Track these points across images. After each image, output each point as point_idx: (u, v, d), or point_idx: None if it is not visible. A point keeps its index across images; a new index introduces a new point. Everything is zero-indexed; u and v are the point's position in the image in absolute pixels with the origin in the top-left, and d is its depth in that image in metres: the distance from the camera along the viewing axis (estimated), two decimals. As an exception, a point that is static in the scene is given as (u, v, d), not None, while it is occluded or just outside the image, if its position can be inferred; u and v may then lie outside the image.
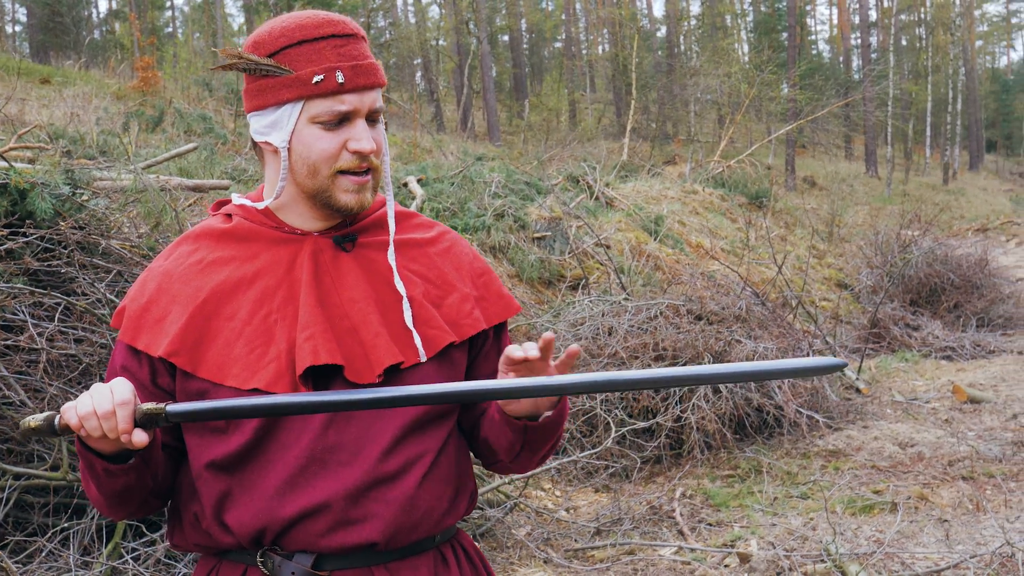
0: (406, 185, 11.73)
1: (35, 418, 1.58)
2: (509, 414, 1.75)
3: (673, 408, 7.08)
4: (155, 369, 1.74)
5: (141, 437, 1.57)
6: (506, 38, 47.52)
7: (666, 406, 7.12)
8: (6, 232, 4.51)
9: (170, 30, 51.75)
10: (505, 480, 5.68)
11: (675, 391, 7.14)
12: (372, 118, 1.75)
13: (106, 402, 1.55)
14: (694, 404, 7.07)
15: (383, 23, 41.14)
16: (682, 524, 5.84)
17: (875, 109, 36.22)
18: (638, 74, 29.97)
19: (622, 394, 7.11)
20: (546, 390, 1.61)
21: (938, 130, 47.60)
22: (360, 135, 1.72)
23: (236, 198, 1.89)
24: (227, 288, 1.75)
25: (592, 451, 6.45)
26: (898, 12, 46.81)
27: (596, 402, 7.01)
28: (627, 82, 32.89)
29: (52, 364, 4.23)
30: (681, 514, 6.02)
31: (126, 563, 3.93)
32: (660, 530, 5.82)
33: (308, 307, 1.72)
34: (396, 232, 1.86)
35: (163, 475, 1.77)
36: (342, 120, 1.71)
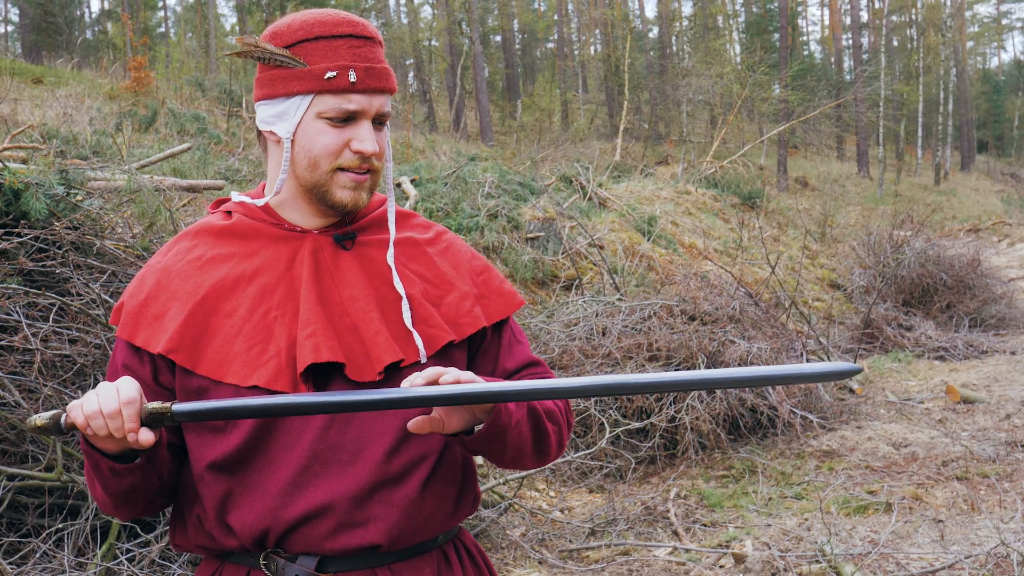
0: (399, 185, 11.71)
1: (41, 417, 1.57)
2: (444, 432, 1.70)
3: (667, 409, 7.09)
4: (156, 366, 1.74)
5: (147, 436, 1.57)
6: (498, 38, 47.48)
7: (660, 407, 7.13)
8: (0, 232, 4.49)
9: (163, 30, 51.66)
10: (500, 480, 5.67)
11: (669, 392, 7.14)
12: (378, 121, 1.76)
13: (112, 401, 1.54)
14: (688, 404, 7.08)
15: (375, 23, 41.13)
16: (677, 524, 5.84)
17: (867, 110, 36.26)
18: (630, 74, 30.00)
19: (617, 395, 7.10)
20: (555, 393, 1.59)
21: (929, 131, 47.67)
22: (364, 136, 1.72)
23: (236, 196, 1.89)
24: (226, 285, 1.75)
25: (586, 451, 6.44)
26: (889, 13, 46.87)
27: (591, 402, 7.00)
28: (619, 82, 32.90)
29: (46, 365, 4.22)
30: (676, 514, 6.02)
31: (120, 564, 3.92)
32: (655, 530, 5.83)
33: (309, 304, 1.72)
34: (396, 231, 1.86)
35: (168, 474, 1.76)
36: (348, 119, 1.72)
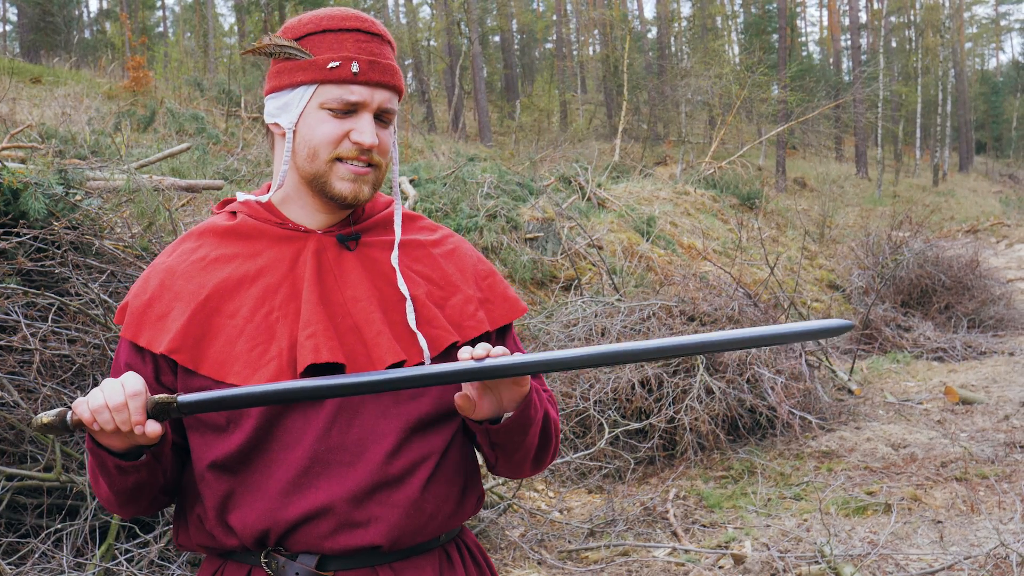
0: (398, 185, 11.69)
1: (47, 414, 1.58)
2: (472, 417, 1.71)
3: (666, 409, 7.09)
4: (158, 366, 1.74)
5: (154, 428, 1.57)
6: (497, 39, 47.52)
7: (659, 407, 7.13)
8: (-1, 232, 4.49)
9: (161, 30, 51.65)
10: (499, 481, 5.67)
11: (668, 392, 7.14)
12: (382, 118, 1.76)
13: (118, 395, 1.55)
14: (687, 405, 7.08)
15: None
16: (676, 525, 5.84)
17: (865, 111, 36.29)
18: (629, 75, 30.01)
19: (615, 395, 7.11)
20: (542, 366, 1.58)
21: (928, 132, 47.69)
22: (364, 128, 1.72)
23: (241, 196, 1.89)
24: (230, 285, 1.75)
25: (585, 452, 6.44)
26: (888, 14, 46.92)
27: (589, 403, 7.00)
28: (618, 83, 32.92)
29: (45, 365, 4.21)
30: (675, 515, 6.02)
31: (119, 564, 3.91)
32: (654, 531, 5.82)
33: (310, 305, 1.72)
34: (401, 233, 1.86)
35: (171, 472, 1.76)
36: (351, 112, 1.73)
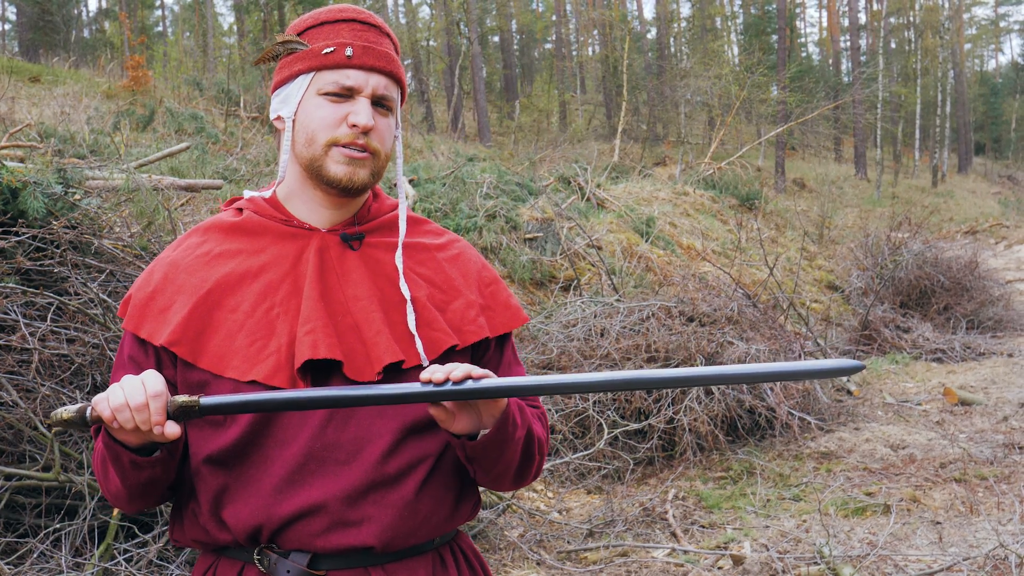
0: (396, 186, 11.69)
1: (67, 410, 1.58)
2: (451, 430, 1.69)
3: (665, 410, 7.08)
4: (160, 359, 1.74)
5: (174, 429, 1.57)
6: (496, 39, 47.53)
7: (658, 408, 7.12)
8: (-2, 231, 4.48)
9: (160, 29, 51.63)
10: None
11: (667, 393, 7.14)
12: (382, 104, 1.78)
13: (139, 394, 1.55)
14: (686, 406, 7.07)
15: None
16: (675, 526, 5.84)
17: (864, 112, 36.31)
18: (629, 75, 30.01)
19: (615, 395, 7.11)
20: (547, 389, 1.59)
21: (927, 133, 47.72)
22: (359, 110, 1.74)
23: (248, 193, 1.90)
24: (232, 280, 1.76)
25: (584, 452, 6.44)
26: (887, 15, 46.93)
27: (588, 403, 7.00)
28: (618, 83, 32.94)
29: (44, 364, 4.20)
30: (674, 516, 6.02)
31: (118, 564, 3.91)
32: (653, 532, 5.82)
33: (311, 301, 1.72)
34: (406, 236, 1.86)
35: (177, 467, 1.77)
36: (347, 96, 1.75)
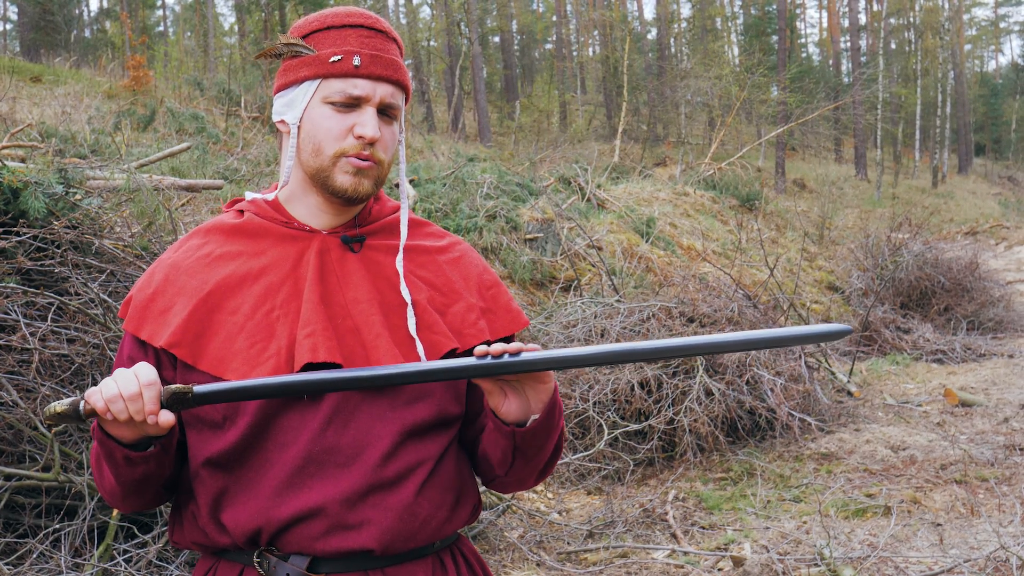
0: (397, 186, 11.70)
1: (60, 403, 1.58)
2: (501, 419, 1.72)
3: (665, 411, 7.08)
4: (160, 360, 1.74)
5: (167, 418, 1.58)
6: (497, 39, 47.51)
7: (659, 408, 7.12)
8: (-1, 231, 4.48)
9: (161, 29, 51.63)
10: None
11: (668, 394, 7.14)
12: (387, 113, 1.77)
13: (132, 384, 1.55)
14: (687, 407, 7.07)
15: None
16: (675, 527, 5.83)
17: (865, 112, 36.28)
18: (629, 76, 30.00)
19: (615, 396, 7.11)
20: (552, 363, 1.61)
21: (927, 133, 47.70)
22: (366, 121, 1.73)
23: (249, 194, 1.90)
24: (232, 282, 1.76)
25: (585, 453, 6.44)
26: (887, 16, 46.94)
27: (589, 404, 7.00)
28: (618, 84, 32.93)
29: (44, 364, 4.20)
30: (674, 517, 6.01)
31: (117, 565, 3.90)
32: (653, 533, 5.82)
33: (311, 304, 1.72)
34: (407, 238, 1.86)
35: (175, 466, 1.77)
36: (353, 106, 1.74)
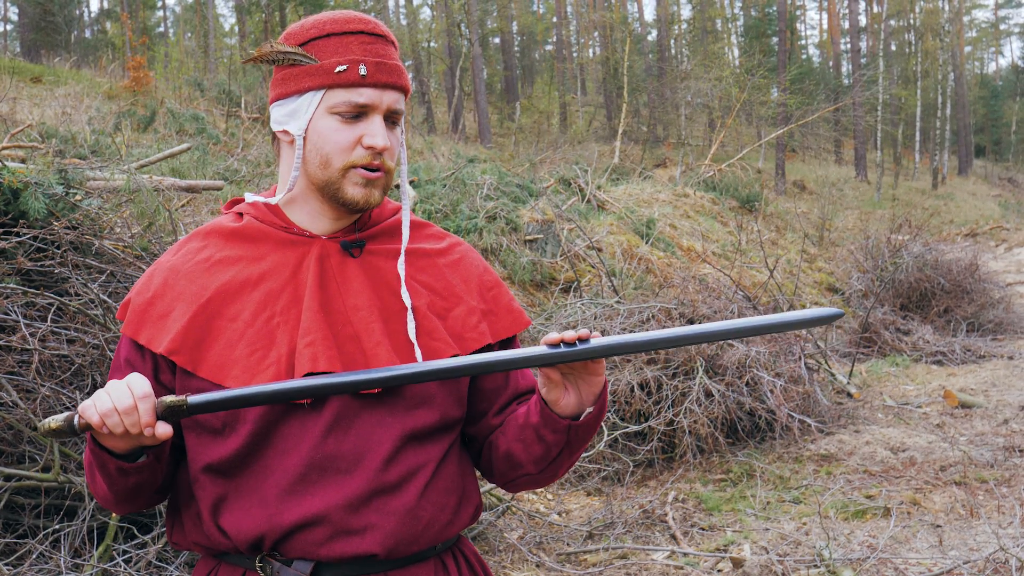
0: (397, 187, 11.69)
1: (55, 419, 1.57)
2: (558, 413, 1.72)
3: (665, 412, 7.08)
4: (158, 365, 1.74)
5: (164, 429, 1.57)
6: (497, 40, 47.53)
7: (658, 410, 7.12)
8: (-2, 231, 4.48)
9: (161, 30, 51.65)
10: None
11: (667, 395, 7.14)
12: (391, 119, 1.76)
13: (126, 397, 1.54)
14: (686, 408, 7.07)
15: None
16: (675, 528, 5.83)
17: (865, 114, 36.29)
18: (629, 77, 30.02)
19: (614, 397, 7.11)
20: (563, 357, 1.62)
21: (927, 135, 47.71)
22: (375, 131, 1.71)
23: (249, 196, 1.89)
24: (232, 288, 1.74)
25: (584, 454, 6.43)
26: (887, 18, 46.95)
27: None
28: (618, 85, 32.95)
29: (44, 365, 4.20)
30: (674, 518, 6.01)
31: (117, 565, 3.90)
32: (653, 534, 5.81)
33: (311, 312, 1.71)
34: (407, 242, 1.85)
35: (168, 471, 1.77)
36: (360, 115, 1.72)
